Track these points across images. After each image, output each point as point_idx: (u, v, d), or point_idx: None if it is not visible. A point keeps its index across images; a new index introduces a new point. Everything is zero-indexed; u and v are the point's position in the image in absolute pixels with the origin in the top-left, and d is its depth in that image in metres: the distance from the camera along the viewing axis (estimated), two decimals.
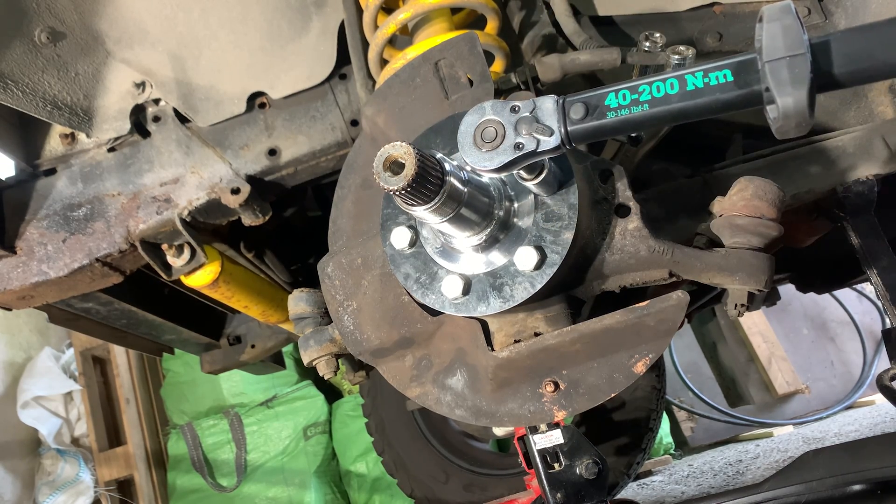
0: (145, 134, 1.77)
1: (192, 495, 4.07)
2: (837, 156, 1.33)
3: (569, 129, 0.81)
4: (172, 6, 1.68)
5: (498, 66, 1.49)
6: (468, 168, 0.92)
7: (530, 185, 0.92)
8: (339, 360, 1.23)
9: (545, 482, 1.24)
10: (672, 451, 4.22)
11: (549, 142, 0.81)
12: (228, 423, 4.12)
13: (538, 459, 1.25)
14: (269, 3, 1.69)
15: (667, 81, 0.78)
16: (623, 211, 1.00)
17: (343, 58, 1.68)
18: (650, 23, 1.56)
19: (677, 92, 0.78)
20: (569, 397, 0.96)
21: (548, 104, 0.83)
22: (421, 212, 0.85)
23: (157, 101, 1.77)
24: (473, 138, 0.84)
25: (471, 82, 1.12)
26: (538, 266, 0.93)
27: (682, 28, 1.56)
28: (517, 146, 0.82)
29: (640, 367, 0.94)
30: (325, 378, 1.21)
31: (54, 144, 1.77)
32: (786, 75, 0.70)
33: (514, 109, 0.83)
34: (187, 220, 1.68)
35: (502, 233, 0.96)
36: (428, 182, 0.81)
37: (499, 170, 0.83)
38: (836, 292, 4.80)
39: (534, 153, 0.82)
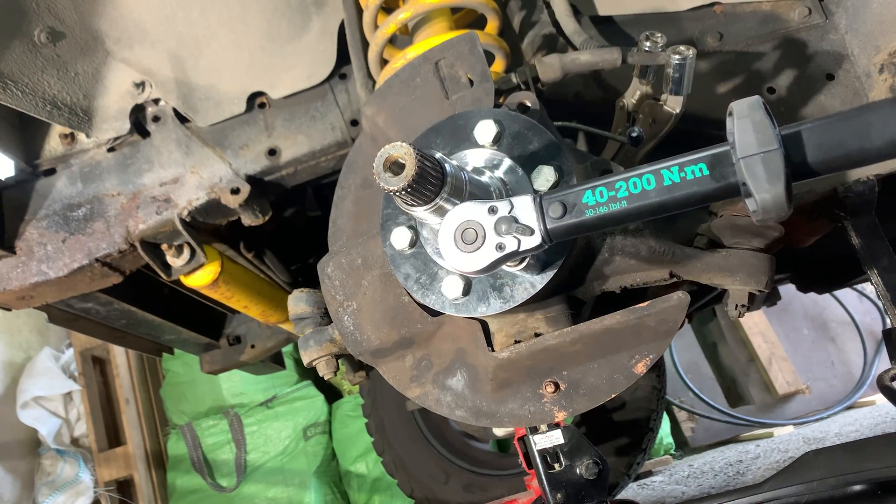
0: (145, 134, 1.77)
1: (191, 496, 4.07)
2: None
3: (548, 227, 0.81)
4: (172, 6, 1.68)
5: (498, 65, 1.49)
6: (468, 168, 0.92)
7: (515, 270, 0.93)
8: (339, 361, 1.22)
9: (545, 482, 1.24)
10: (672, 452, 4.21)
11: (530, 241, 0.81)
12: (228, 424, 4.12)
13: (538, 460, 1.25)
14: (269, 3, 1.69)
15: (643, 177, 0.79)
16: None
17: (343, 58, 1.67)
18: (651, 22, 1.56)
19: (654, 188, 0.78)
20: (569, 398, 0.96)
21: (525, 204, 0.82)
22: (421, 212, 0.85)
23: (156, 101, 1.76)
24: (454, 240, 0.83)
25: (471, 82, 1.11)
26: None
27: (683, 28, 1.56)
28: (499, 247, 0.82)
29: (641, 368, 0.94)
30: (325, 378, 1.21)
31: (54, 144, 1.77)
32: (761, 172, 0.70)
33: (492, 210, 0.83)
34: (187, 220, 1.68)
35: None
36: (428, 182, 0.81)
37: (483, 271, 0.83)
38: (837, 292, 4.79)
39: (516, 252, 0.82)
